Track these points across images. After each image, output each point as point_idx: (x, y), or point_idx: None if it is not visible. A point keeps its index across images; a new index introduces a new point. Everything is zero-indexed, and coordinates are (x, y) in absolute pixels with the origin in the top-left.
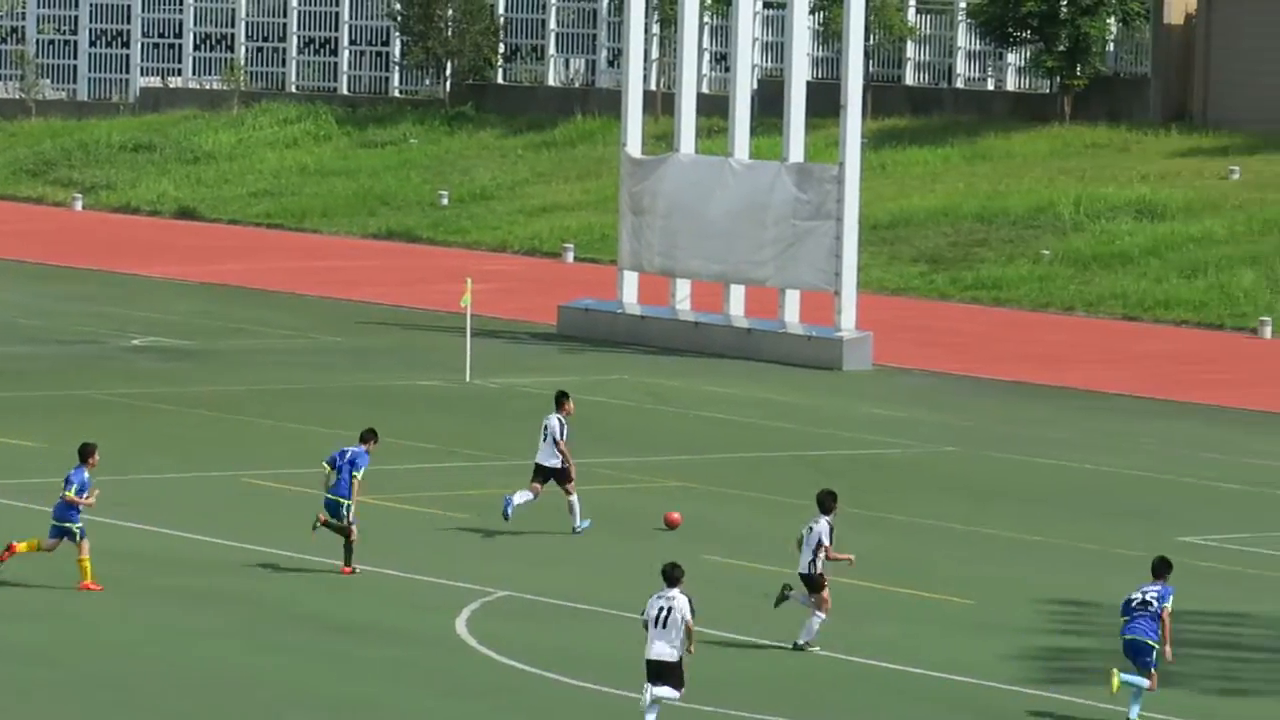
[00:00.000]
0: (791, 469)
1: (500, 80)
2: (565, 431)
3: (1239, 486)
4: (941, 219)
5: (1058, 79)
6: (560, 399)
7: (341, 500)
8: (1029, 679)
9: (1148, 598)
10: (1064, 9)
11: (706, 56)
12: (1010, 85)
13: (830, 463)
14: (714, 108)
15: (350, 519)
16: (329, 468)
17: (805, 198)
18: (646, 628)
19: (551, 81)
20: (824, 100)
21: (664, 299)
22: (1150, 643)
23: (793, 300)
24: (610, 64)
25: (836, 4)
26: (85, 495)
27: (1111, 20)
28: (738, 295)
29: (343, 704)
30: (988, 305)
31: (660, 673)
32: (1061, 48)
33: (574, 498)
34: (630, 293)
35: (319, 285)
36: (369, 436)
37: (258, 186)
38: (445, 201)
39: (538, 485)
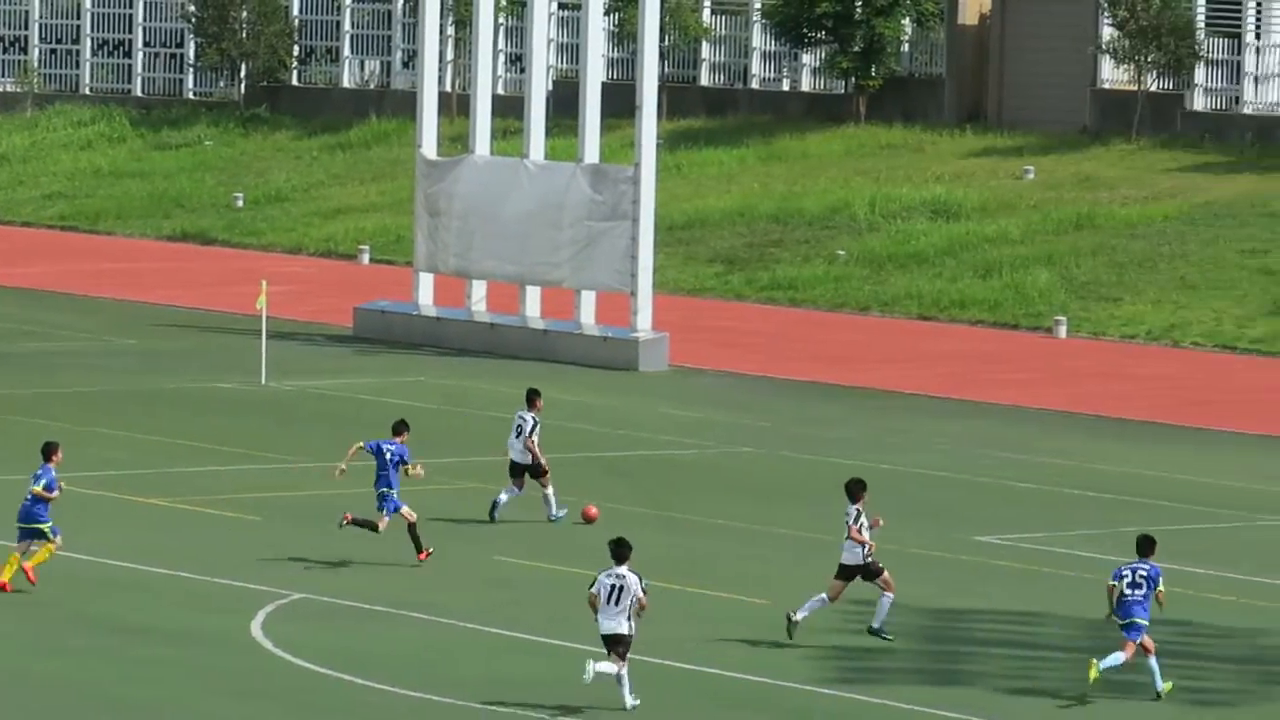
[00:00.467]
0: (587, 470)
1: (295, 82)
2: (535, 429)
3: (1034, 486)
4: (737, 219)
5: (853, 80)
6: (531, 396)
7: (388, 490)
8: (825, 678)
9: (1138, 578)
10: (859, 10)
11: (501, 58)
12: (805, 86)
13: (627, 464)
14: (509, 109)
15: (392, 511)
16: (367, 450)
17: (600, 199)
18: (593, 604)
19: (346, 83)
20: (619, 101)
21: (460, 300)
22: (1143, 621)
23: (589, 301)
24: (405, 66)
25: (631, 5)
26: (54, 491)
27: (906, 21)
28: (534, 296)
29: (130, 706)
30: (783, 305)
31: (614, 643)
32: (856, 48)
33: (550, 490)
34: (426, 294)
35: (113, 288)
36: (402, 428)
37: (52, 189)
38: (240, 204)
39: (518, 483)
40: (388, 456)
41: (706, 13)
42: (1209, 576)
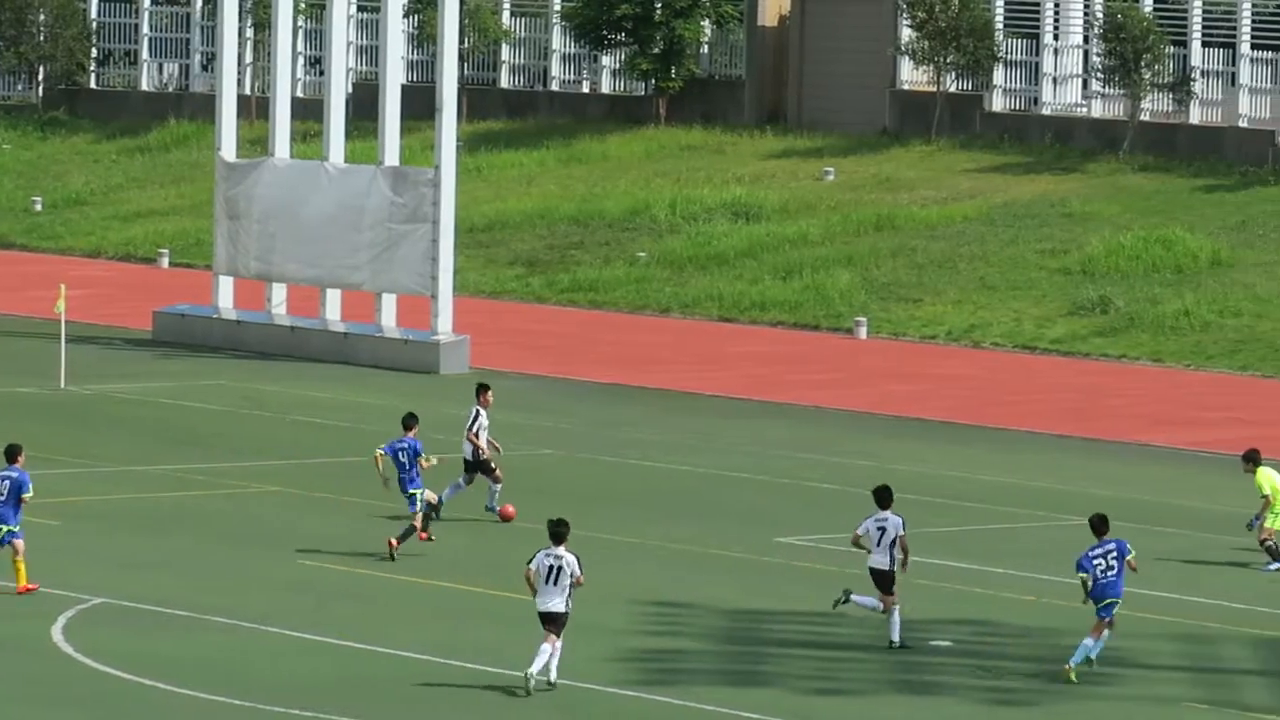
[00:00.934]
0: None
1: (94, 85)
2: (476, 422)
3: (835, 486)
4: (538, 222)
5: (653, 82)
6: (480, 389)
7: (416, 492)
8: (626, 680)
9: (1110, 560)
10: (658, 12)
11: (301, 60)
12: (605, 88)
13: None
14: (309, 112)
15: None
16: (388, 457)
17: (401, 201)
18: (530, 582)
19: (145, 86)
20: (420, 103)
21: (260, 304)
22: (1118, 598)
23: (389, 304)
24: (204, 69)
25: (431, 7)
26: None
27: (706, 23)
28: (334, 299)
29: None
30: (584, 308)
31: (549, 621)
32: (656, 50)
33: (498, 487)
34: (226, 297)
35: None
36: (412, 422)
37: None
38: (39, 207)
39: (468, 477)
40: (403, 457)
41: (506, 15)
42: (1009, 576)
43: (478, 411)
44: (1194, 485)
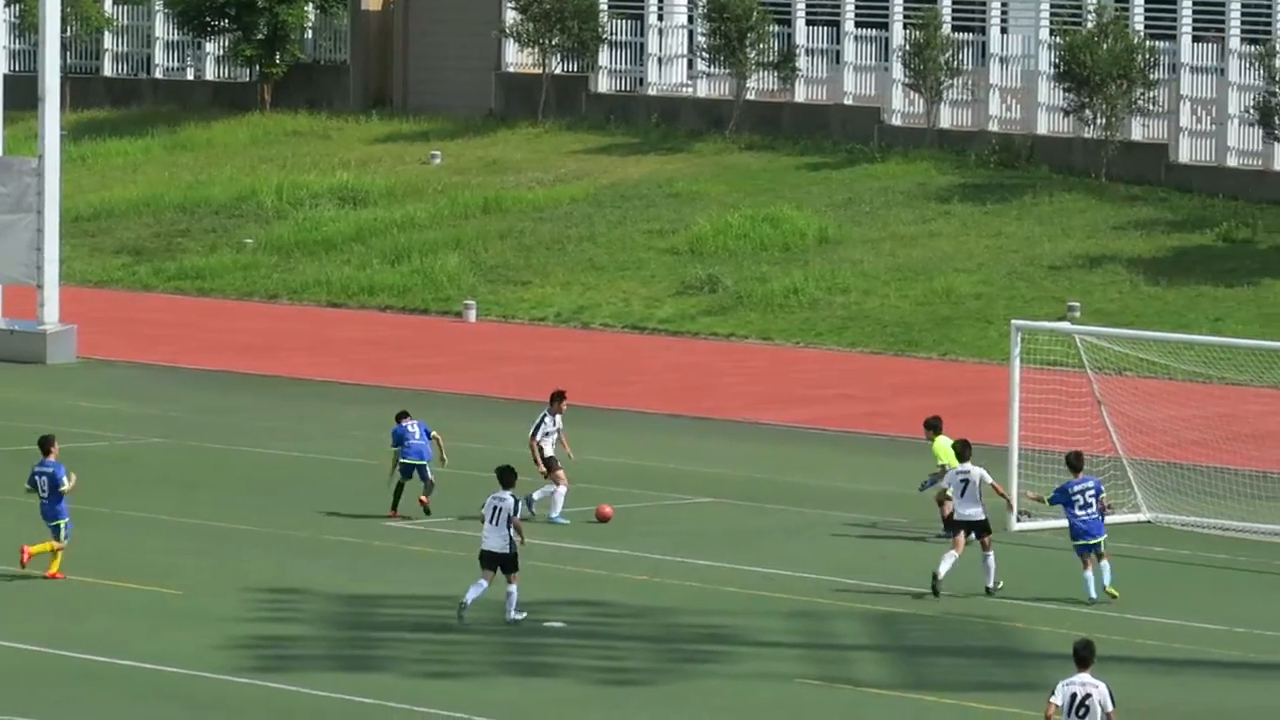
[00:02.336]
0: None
1: None
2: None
3: (446, 470)
4: (144, 210)
5: (257, 68)
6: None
7: (424, 462)
8: (239, 667)
9: (1088, 498)
10: None
11: None
12: (210, 75)
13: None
14: None
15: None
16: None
17: (4, 191)
18: (483, 522)
19: None
20: (22, 93)
21: None
22: (1101, 537)
23: None
24: None
25: None
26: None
27: (310, 7)
28: None
29: None
30: (192, 295)
31: (492, 563)
32: (260, 36)
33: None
34: None
35: None
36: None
37: None
38: None
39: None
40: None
41: (108, 3)
42: (624, 556)
43: (544, 418)
44: (802, 461)
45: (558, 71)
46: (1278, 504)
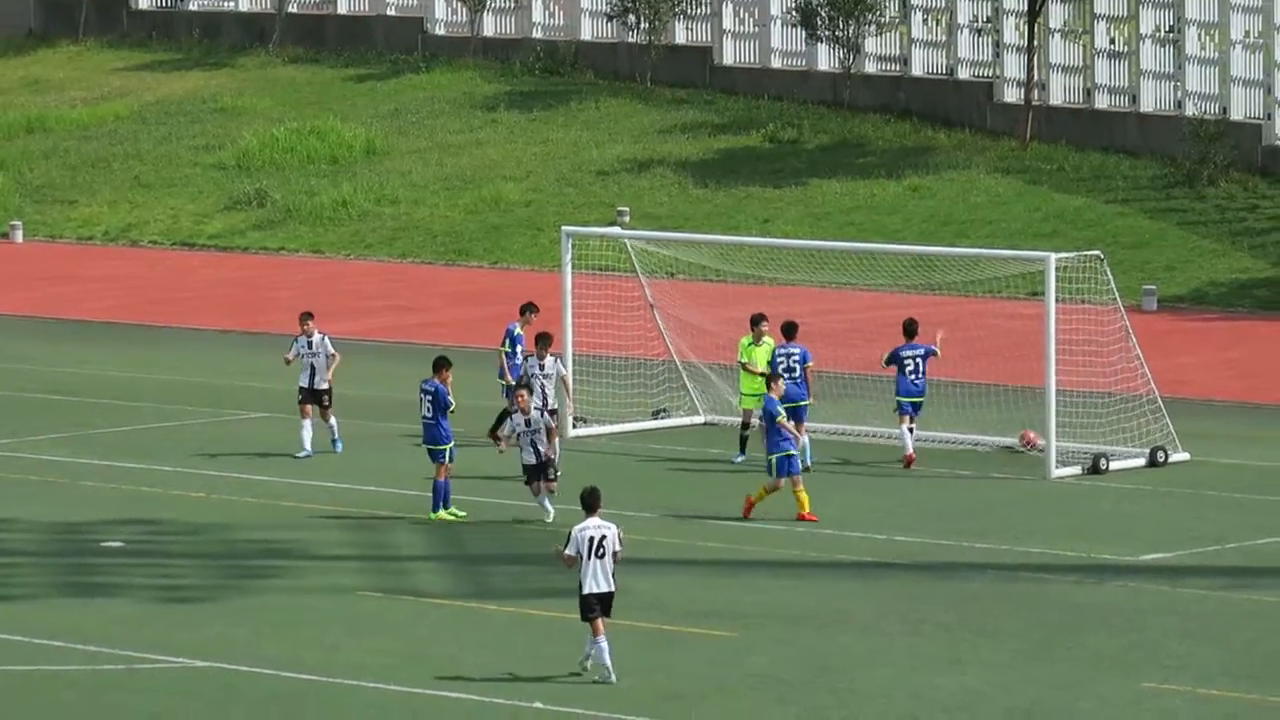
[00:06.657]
0: None
1: None
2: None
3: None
4: None
5: None
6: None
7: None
8: None
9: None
10: None
11: None
12: None
13: None
14: None
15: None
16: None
17: None
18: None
19: None
20: None
21: None
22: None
23: None
24: None
25: None
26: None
27: None
28: None
29: None
30: None
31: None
32: None
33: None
34: None
35: None
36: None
37: None
38: None
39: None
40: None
41: None
42: (178, 474)
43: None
44: (355, 374)
45: None
46: (830, 402)
